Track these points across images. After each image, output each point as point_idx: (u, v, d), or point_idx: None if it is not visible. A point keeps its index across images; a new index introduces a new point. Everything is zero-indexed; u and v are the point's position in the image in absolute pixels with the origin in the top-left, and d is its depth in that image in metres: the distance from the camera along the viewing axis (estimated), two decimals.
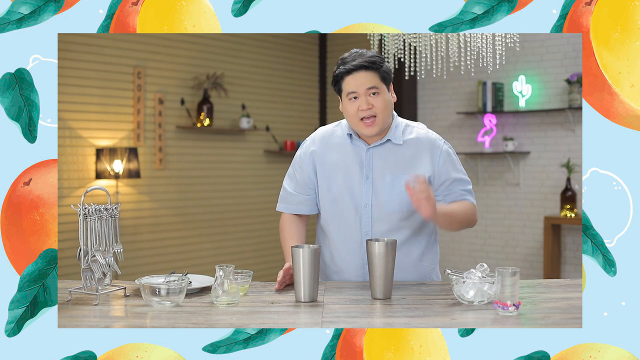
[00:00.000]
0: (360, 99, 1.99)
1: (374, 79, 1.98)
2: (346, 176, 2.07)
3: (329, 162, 2.10)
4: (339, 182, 2.08)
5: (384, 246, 1.79)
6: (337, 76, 2.02)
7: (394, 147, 2.07)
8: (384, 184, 2.04)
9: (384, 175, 2.05)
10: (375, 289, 1.80)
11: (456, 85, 5.66)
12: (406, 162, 2.06)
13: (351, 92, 1.99)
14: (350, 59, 2.00)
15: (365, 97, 1.98)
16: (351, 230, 2.07)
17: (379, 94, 1.99)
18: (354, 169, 2.07)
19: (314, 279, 1.76)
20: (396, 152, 2.06)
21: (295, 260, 1.77)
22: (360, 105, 1.99)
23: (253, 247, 5.73)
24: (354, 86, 1.99)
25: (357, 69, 1.98)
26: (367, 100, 1.98)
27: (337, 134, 2.13)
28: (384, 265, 1.79)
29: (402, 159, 2.06)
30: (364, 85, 1.98)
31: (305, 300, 1.76)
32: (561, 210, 5.04)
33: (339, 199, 2.07)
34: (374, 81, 1.98)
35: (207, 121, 5.19)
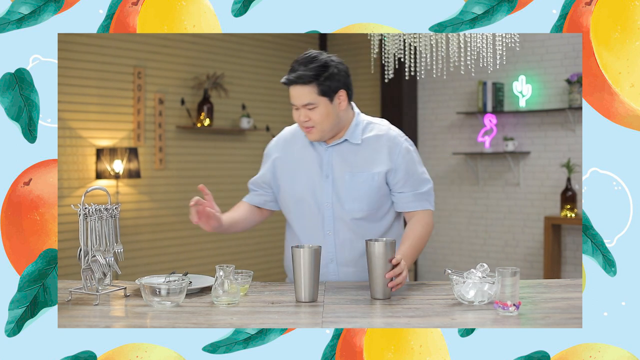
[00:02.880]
0: (299, 111, 2.03)
1: (310, 94, 1.99)
2: (308, 176, 2.10)
3: (291, 163, 2.14)
4: (302, 181, 2.11)
5: (383, 246, 1.79)
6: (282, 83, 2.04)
7: (352, 146, 2.09)
8: (343, 182, 2.07)
9: (344, 174, 2.07)
10: (375, 289, 1.80)
11: (456, 85, 5.65)
12: (364, 160, 2.08)
13: (292, 103, 2.03)
14: (292, 69, 2.01)
15: (303, 110, 2.01)
16: (314, 229, 2.10)
17: (316, 107, 2.00)
18: (314, 168, 2.10)
19: (314, 279, 1.76)
20: (355, 151, 2.09)
21: (295, 260, 1.77)
22: (299, 116, 2.03)
23: (253, 247, 5.73)
24: (293, 99, 2.02)
25: (295, 84, 1.99)
26: (305, 113, 2.01)
27: (299, 135, 2.16)
28: (383, 265, 1.78)
29: (361, 158, 2.08)
30: (299, 101, 2.00)
31: (306, 300, 1.76)
32: (561, 210, 5.04)
33: (302, 199, 2.11)
34: (309, 97, 1.99)
35: (207, 121, 5.19)
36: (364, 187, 2.05)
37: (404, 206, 2.10)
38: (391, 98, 5.73)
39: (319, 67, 1.98)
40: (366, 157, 2.08)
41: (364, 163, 2.07)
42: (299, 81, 1.98)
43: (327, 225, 2.08)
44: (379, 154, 2.08)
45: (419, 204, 2.09)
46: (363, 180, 2.05)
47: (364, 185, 2.05)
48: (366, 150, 2.09)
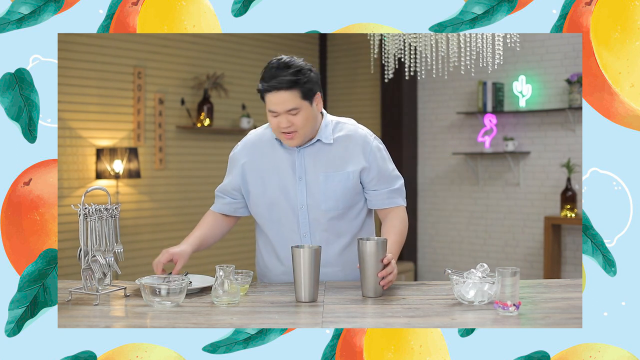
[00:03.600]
0: (280, 117, 1.98)
1: (294, 99, 1.96)
2: (280, 179, 2.07)
3: (261, 167, 2.10)
4: (274, 186, 2.07)
5: (375, 245, 1.81)
6: (259, 89, 2.00)
7: (325, 146, 2.07)
8: (317, 183, 2.05)
9: (318, 175, 2.05)
10: (367, 287, 1.81)
11: (456, 85, 5.65)
12: (338, 160, 2.06)
13: (271, 110, 1.99)
14: (269, 76, 1.97)
15: (285, 115, 1.97)
16: (290, 233, 2.07)
17: (300, 112, 1.97)
18: (287, 171, 2.07)
19: (314, 279, 1.76)
20: (327, 151, 2.07)
21: (295, 261, 1.77)
22: (280, 122, 1.98)
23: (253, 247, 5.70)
24: (274, 106, 1.97)
25: (277, 90, 1.95)
26: (287, 119, 1.97)
27: (267, 138, 2.12)
28: (375, 264, 1.80)
29: (334, 157, 2.06)
30: (282, 107, 1.96)
31: (306, 300, 1.76)
32: (561, 210, 5.04)
33: (275, 203, 2.07)
34: (293, 102, 1.96)
35: (207, 121, 5.19)
36: (340, 186, 2.05)
37: (379, 203, 2.10)
38: (391, 98, 5.72)
39: (297, 71, 1.96)
40: (339, 157, 2.06)
41: (338, 162, 2.06)
42: (282, 86, 1.94)
43: (302, 228, 2.06)
44: (352, 152, 2.07)
45: (394, 201, 2.10)
46: (338, 179, 2.04)
47: (340, 185, 2.05)
48: (338, 150, 2.07)
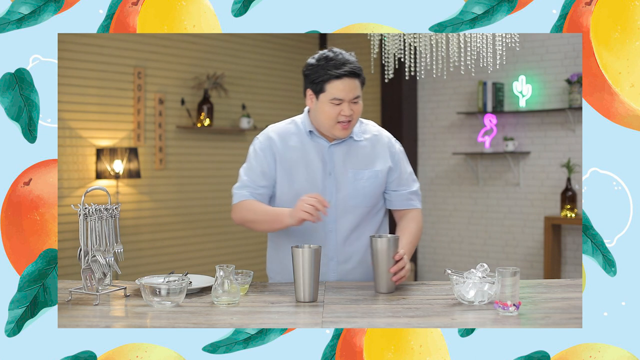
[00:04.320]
0: (343, 105, 2.01)
1: (358, 87, 2.03)
2: (309, 173, 2.09)
3: (289, 159, 2.11)
4: (301, 179, 2.09)
5: (387, 242, 1.86)
6: (322, 77, 2.00)
7: (354, 144, 2.12)
8: (346, 179, 2.08)
9: (347, 172, 2.09)
10: (380, 283, 1.86)
11: (456, 85, 5.65)
12: (366, 158, 2.11)
13: (336, 97, 2.00)
14: (339, 63, 2.00)
15: (348, 104, 2.01)
16: (316, 228, 2.08)
17: (359, 101, 2.04)
18: (316, 166, 2.09)
19: (314, 279, 1.76)
20: (356, 149, 2.11)
21: (295, 260, 1.77)
22: (343, 111, 2.01)
23: (253, 247, 5.73)
24: (342, 93, 2.00)
25: (348, 76, 1.99)
26: (350, 107, 2.01)
27: (293, 132, 2.14)
28: (386, 261, 1.85)
29: (363, 155, 2.11)
30: (351, 94, 2.00)
31: (306, 300, 1.76)
32: (561, 210, 5.03)
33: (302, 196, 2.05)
34: (358, 90, 2.02)
35: (207, 121, 5.19)
36: (368, 184, 2.09)
37: (399, 204, 2.16)
38: (391, 98, 5.72)
39: (357, 61, 2.04)
40: (368, 155, 2.11)
41: (367, 161, 2.11)
42: (354, 73, 2.00)
43: (329, 223, 2.08)
44: (380, 152, 2.13)
45: (412, 203, 2.17)
46: (367, 177, 2.09)
47: (368, 183, 2.09)
48: (367, 148, 2.12)
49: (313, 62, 2.04)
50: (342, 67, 1.99)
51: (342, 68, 1.99)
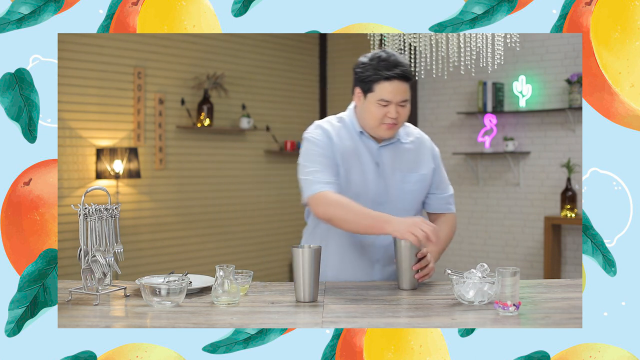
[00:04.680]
0: (390, 107, 2.00)
1: (407, 91, 2.02)
2: (363, 173, 2.07)
3: (344, 158, 2.05)
4: (357, 179, 2.06)
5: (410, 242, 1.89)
6: (371, 77, 1.98)
7: (401, 146, 2.12)
8: (395, 182, 2.08)
9: (395, 174, 2.08)
10: (403, 280, 1.91)
11: (456, 85, 5.65)
12: (412, 161, 2.12)
13: (384, 99, 1.99)
14: (391, 65, 1.98)
15: (395, 106, 2.00)
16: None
17: (407, 104, 2.03)
18: (369, 166, 2.07)
19: (314, 279, 1.76)
20: (403, 151, 2.12)
21: (295, 260, 1.77)
22: (389, 112, 2.00)
23: (253, 247, 5.73)
24: (390, 95, 1.99)
25: (398, 79, 1.98)
26: (397, 110, 2.01)
27: (347, 129, 2.09)
28: (409, 258, 1.90)
29: (409, 158, 2.12)
30: (399, 97, 2.00)
31: (306, 300, 1.76)
32: (561, 210, 5.04)
33: (356, 198, 1.99)
34: (407, 94, 2.02)
35: (207, 121, 5.19)
36: (415, 188, 2.10)
37: (437, 207, 2.18)
38: None
39: (409, 65, 2.04)
40: (413, 158, 2.12)
41: (412, 164, 2.11)
42: (404, 77, 1.99)
43: None
44: (424, 155, 2.15)
45: (450, 207, 2.20)
46: (415, 180, 2.10)
47: (416, 187, 2.10)
48: (412, 152, 2.13)
49: (365, 60, 2.02)
50: (393, 69, 1.97)
51: (393, 70, 1.97)
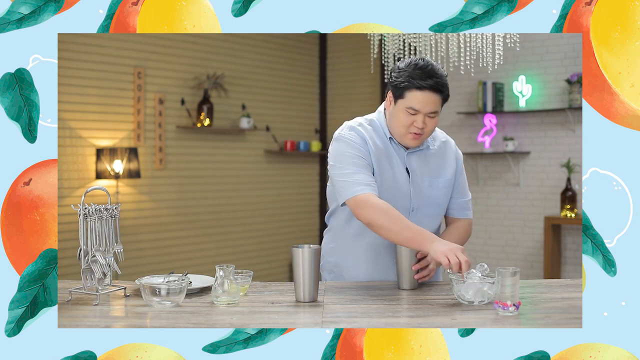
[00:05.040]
0: (417, 116, 1.96)
1: (438, 103, 1.96)
2: (394, 179, 2.05)
3: (379, 161, 2.03)
4: (389, 183, 2.04)
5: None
6: (404, 85, 1.95)
7: (429, 152, 2.10)
8: (423, 188, 2.08)
9: (423, 180, 2.08)
10: (402, 280, 1.92)
11: (456, 85, 5.65)
12: (439, 166, 2.11)
13: (413, 108, 1.95)
14: (425, 75, 1.93)
15: (423, 116, 1.96)
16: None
17: (436, 117, 1.99)
18: (400, 171, 2.06)
19: (314, 279, 1.76)
20: (430, 157, 2.10)
21: (295, 260, 1.77)
22: (416, 122, 1.97)
23: (253, 247, 5.73)
24: (419, 105, 1.94)
25: (430, 90, 1.93)
26: (424, 121, 1.97)
27: (374, 133, 2.06)
28: (409, 258, 1.91)
29: (436, 163, 2.11)
30: (428, 108, 1.95)
31: (305, 300, 1.76)
32: (561, 210, 5.04)
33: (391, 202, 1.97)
34: (437, 106, 1.96)
35: (207, 121, 5.19)
36: (443, 192, 2.10)
37: (456, 212, 2.20)
38: None
39: (445, 77, 1.98)
40: (439, 163, 2.11)
41: (439, 169, 2.10)
42: (438, 88, 1.93)
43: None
44: (448, 160, 2.13)
45: (467, 213, 2.21)
46: (442, 185, 2.10)
47: (443, 191, 2.11)
48: (438, 157, 2.11)
49: (402, 66, 1.98)
50: (427, 79, 1.93)
51: (427, 80, 1.93)
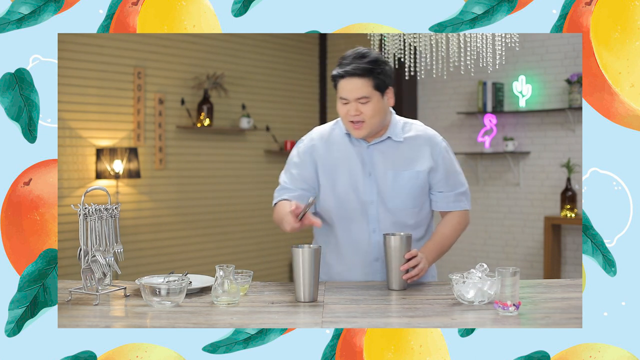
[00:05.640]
0: (349, 105, 1.99)
1: (366, 87, 1.96)
2: (350, 174, 2.08)
3: (331, 161, 2.10)
4: (343, 180, 2.08)
5: (399, 240, 1.89)
6: (333, 76, 2.01)
7: (394, 144, 2.09)
8: (386, 180, 2.06)
9: (386, 172, 2.07)
10: (392, 280, 1.91)
11: (456, 85, 5.65)
12: (407, 159, 2.09)
13: (342, 97, 1.99)
14: (347, 62, 1.97)
15: (355, 103, 1.98)
16: (358, 228, 2.08)
17: (370, 102, 1.98)
18: (356, 166, 2.08)
19: (314, 279, 1.76)
20: (397, 149, 2.09)
21: (295, 260, 1.77)
22: (349, 110, 1.99)
23: (253, 247, 5.73)
24: (346, 92, 1.98)
25: (351, 76, 1.96)
26: (357, 107, 1.98)
27: (336, 133, 2.13)
28: (399, 258, 1.89)
29: (403, 156, 2.08)
30: (354, 94, 1.97)
31: (305, 300, 1.76)
32: (561, 210, 5.04)
33: (345, 197, 2.08)
34: (365, 90, 1.97)
35: (207, 121, 5.19)
36: (408, 185, 2.08)
37: (444, 206, 2.16)
38: None
39: (372, 61, 1.97)
40: (408, 156, 2.09)
41: (407, 161, 2.08)
42: (355, 73, 1.95)
43: (371, 223, 2.07)
44: (421, 152, 2.10)
45: (460, 204, 2.17)
46: (407, 178, 2.07)
47: (408, 183, 2.08)
48: (407, 149, 2.09)
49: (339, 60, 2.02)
50: (347, 65, 1.96)
51: (347, 67, 1.96)
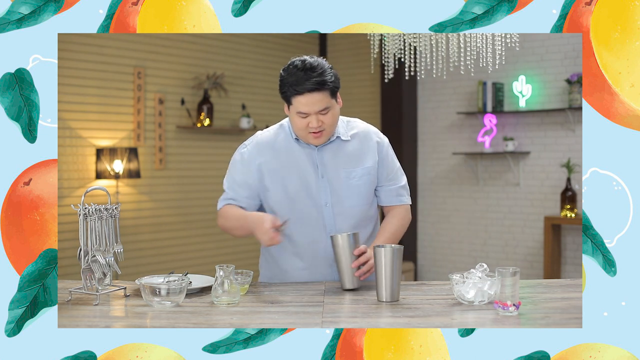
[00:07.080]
0: (309, 117, 1.96)
1: (325, 99, 1.95)
2: (301, 178, 2.06)
3: (280, 167, 2.07)
4: (295, 184, 2.06)
5: (347, 238, 1.89)
6: (287, 91, 1.95)
7: (342, 143, 2.09)
8: (339, 180, 2.06)
9: (339, 172, 2.07)
10: (344, 279, 1.89)
11: (456, 85, 5.65)
12: (356, 156, 2.09)
13: (301, 112, 1.95)
14: (300, 79, 1.92)
15: (315, 116, 1.95)
16: (315, 231, 2.07)
17: (329, 111, 1.97)
18: (307, 170, 2.06)
19: (397, 278, 1.76)
20: (344, 148, 2.09)
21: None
22: (310, 122, 1.96)
23: (253, 247, 5.72)
24: (306, 107, 1.94)
25: (310, 91, 1.92)
26: (318, 119, 1.96)
27: (282, 138, 2.10)
28: (348, 257, 1.88)
29: (352, 154, 2.09)
30: (315, 107, 1.94)
31: (387, 300, 1.75)
32: (561, 210, 5.03)
33: (298, 201, 2.06)
34: (325, 102, 1.95)
35: (207, 121, 5.19)
36: (362, 182, 2.07)
37: (388, 200, 2.15)
38: (391, 98, 5.72)
39: (325, 71, 1.94)
40: (357, 153, 2.09)
41: (356, 159, 2.08)
42: (314, 88, 1.91)
43: (328, 225, 2.06)
44: (367, 148, 2.10)
45: (401, 199, 2.16)
46: (360, 175, 2.07)
47: (362, 181, 2.07)
48: (355, 146, 2.09)
49: (282, 73, 1.97)
50: (305, 82, 1.91)
51: (305, 84, 1.91)
